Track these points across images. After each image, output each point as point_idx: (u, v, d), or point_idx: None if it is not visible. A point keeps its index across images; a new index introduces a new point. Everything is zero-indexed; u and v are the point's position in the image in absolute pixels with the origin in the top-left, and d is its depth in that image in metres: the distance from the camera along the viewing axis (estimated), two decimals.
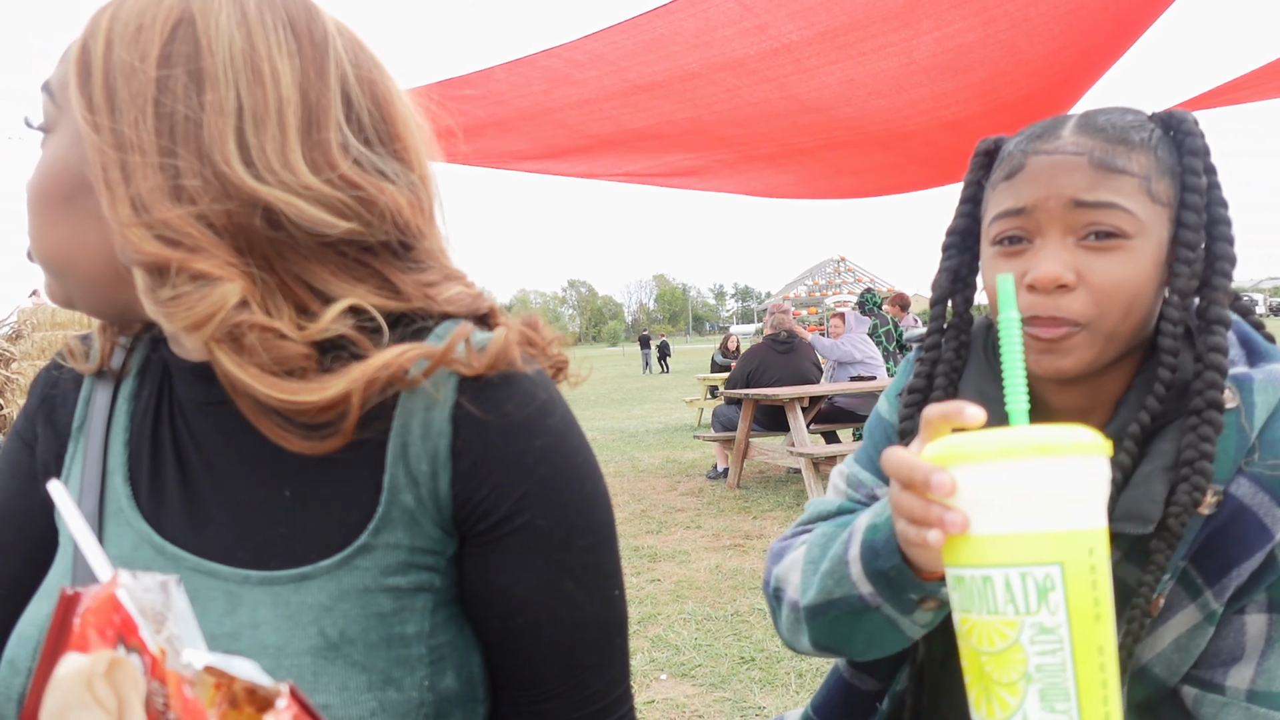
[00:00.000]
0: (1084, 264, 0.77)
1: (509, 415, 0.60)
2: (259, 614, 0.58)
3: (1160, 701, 0.83)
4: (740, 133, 4.49)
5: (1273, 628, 0.78)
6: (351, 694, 0.56)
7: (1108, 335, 0.77)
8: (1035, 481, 0.52)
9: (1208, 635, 0.79)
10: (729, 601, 3.81)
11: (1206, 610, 0.78)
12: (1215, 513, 0.77)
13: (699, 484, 6.75)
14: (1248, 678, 0.77)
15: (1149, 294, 0.78)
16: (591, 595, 0.63)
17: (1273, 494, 0.75)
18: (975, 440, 0.54)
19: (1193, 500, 0.74)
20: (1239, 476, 0.77)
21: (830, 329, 8.88)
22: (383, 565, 0.59)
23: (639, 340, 35.02)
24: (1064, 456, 0.52)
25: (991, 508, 0.53)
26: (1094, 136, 0.78)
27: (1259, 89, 4.81)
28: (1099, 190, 0.76)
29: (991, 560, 0.53)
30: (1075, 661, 0.51)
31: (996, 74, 3.84)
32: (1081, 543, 0.52)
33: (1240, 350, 0.81)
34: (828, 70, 3.69)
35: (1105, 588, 0.53)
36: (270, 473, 0.62)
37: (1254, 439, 0.77)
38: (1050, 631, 0.51)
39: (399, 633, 0.59)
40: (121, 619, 0.40)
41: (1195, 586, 0.78)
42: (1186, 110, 0.82)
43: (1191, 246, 0.77)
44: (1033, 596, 0.52)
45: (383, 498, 0.60)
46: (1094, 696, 0.51)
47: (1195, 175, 0.78)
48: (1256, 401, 0.77)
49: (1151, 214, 0.77)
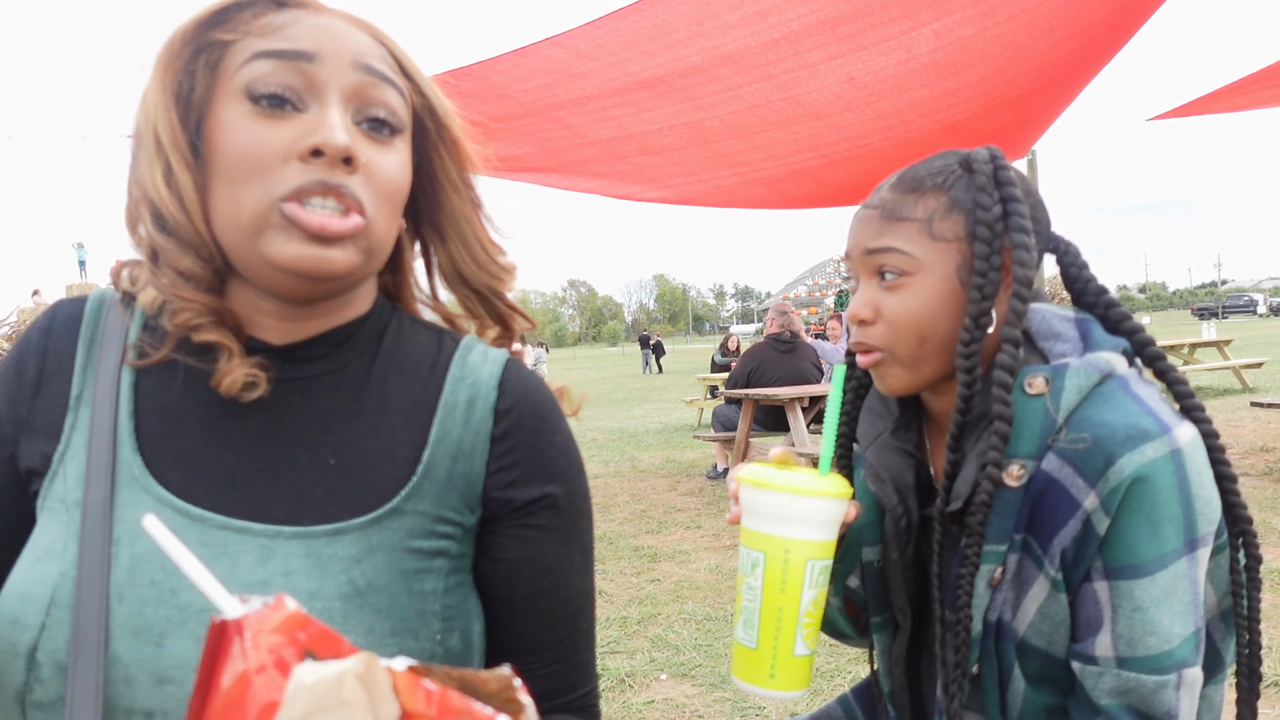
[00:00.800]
0: (881, 300, 0.93)
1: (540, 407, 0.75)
2: (291, 564, 0.63)
3: (1058, 674, 0.91)
4: (740, 147, 4.47)
5: (1113, 593, 0.86)
6: (376, 637, 0.62)
7: (911, 358, 0.93)
8: (760, 503, 0.87)
9: (1062, 603, 0.88)
10: (729, 601, 3.81)
11: (1050, 578, 0.88)
12: (1030, 485, 0.88)
13: (699, 484, 6.75)
14: (1109, 645, 0.86)
15: (943, 320, 0.92)
16: (588, 570, 0.76)
17: (1075, 466, 0.85)
18: (755, 470, 0.88)
19: (990, 485, 0.88)
20: (1049, 453, 0.87)
21: (829, 330, 8.89)
22: (409, 528, 0.67)
23: (639, 340, 35.02)
24: (781, 493, 0.85)
25: (746, 511, 0.89)
26: (895, 190, 0.94)
27: (1251, 98, 4.82)
28: (882, 238, 0.92)
29: (741, 540, 0.90)
30: (762, 609, 0.86)
31: (996, 72, 3.85)
32: (780, 544, 0.85)
33: (1078, 343, 0.93)
34: (828, 67, 3.69)
35: (794, 573, 0.85)
36: (318, 443, 0.69)
37: (1060, 420, 0.87)
38: (753, 589, 0.87)
39: (419, 588, 0.66)
40: (310, 634, 0.41)
41: (1037, 557, 0.89)
42: (989, 147, 0.93)
43: (980, 274, 0.89)
44: (748, 567, 0.88)
45: (419, 469, 0.69)
46: (769, 632, 0.86)
47: (984, 209, 0.90)
48: (1067, 386, 0.87)
49: (932, 251, 0.91)
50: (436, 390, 0.73)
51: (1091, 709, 0.87)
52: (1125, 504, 0.83)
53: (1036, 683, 0.91)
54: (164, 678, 0.59)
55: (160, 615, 0.60)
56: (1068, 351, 0.92)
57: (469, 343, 0.78)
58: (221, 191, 0.65)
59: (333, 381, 0.72)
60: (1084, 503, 0.84)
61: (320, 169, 0.64)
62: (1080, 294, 1.00)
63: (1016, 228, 0.90)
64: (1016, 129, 4.76)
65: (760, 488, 0.86)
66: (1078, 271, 1.00)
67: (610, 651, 3.32)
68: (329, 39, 0.66)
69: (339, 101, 0.66)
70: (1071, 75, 4.15)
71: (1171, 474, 0.83)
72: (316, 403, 0.70)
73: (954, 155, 0.94)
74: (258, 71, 0.64)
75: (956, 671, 0.91)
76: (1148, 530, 0.83)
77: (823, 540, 0.86)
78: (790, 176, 4.95)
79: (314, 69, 0.65)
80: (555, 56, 3.59)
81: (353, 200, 0.65)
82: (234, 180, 0.64)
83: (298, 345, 0.71)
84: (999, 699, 0.92)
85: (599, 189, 5.28)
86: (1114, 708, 0.85)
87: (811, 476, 0.87)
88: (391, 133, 0.69)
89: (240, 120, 0.65)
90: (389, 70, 0.69)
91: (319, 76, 0.65)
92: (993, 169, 0.91)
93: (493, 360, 0.75)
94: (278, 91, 0.64)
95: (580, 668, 0.75)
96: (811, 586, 0.86)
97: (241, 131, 0.64)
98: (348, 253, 0.66)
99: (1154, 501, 0.82)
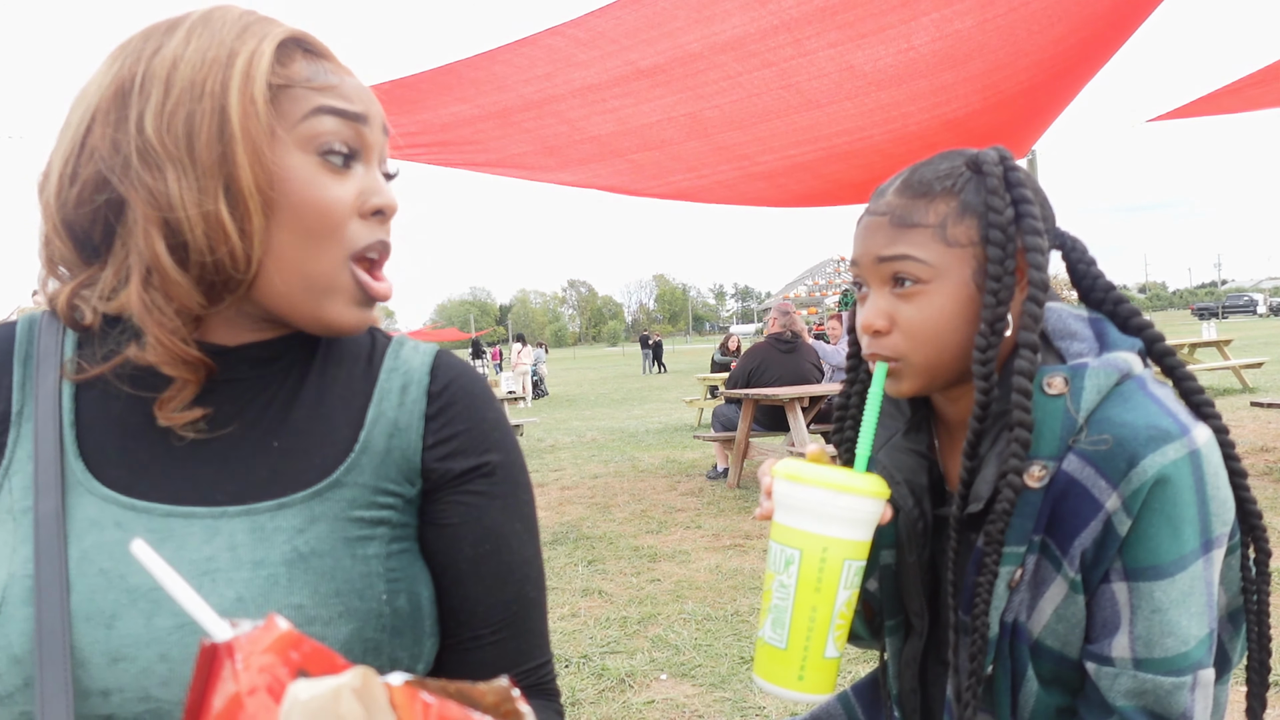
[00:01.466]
0: (896, 309, 0.91)
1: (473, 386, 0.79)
2: (237, 538, 0.66)
3: (1071, 676, 0.91)
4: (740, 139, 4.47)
5: (1132, 594, 0.85)
6: (321, 597, 0.65)
7: (927, 365, 0.91)
8: (799, 498, 0.84)
9: (1079, 604, 0.88)
10: (729, 601, 3.81)
11: (1069, 579, 0.87)
12: (1051, 486, 0.87)
13: (699, 484, 6.75)
14: (1126, 646, 0.85)
15: (959, 326, 0.90)
16: (532, 540, 0.79)
17: (1097, 467, 0.84)
18: (792, 465, 0.85)
19: (1011, 494, 0.87)
20: (1069, 454, 0.86)
21: (828, 331, 8.88)
22: (350, 499, 0.70)
23: (639, 340, 35.01)
24: (823, 489, 0.82)
25: (780, 507, 0.86)
26: (902, 195, 0.91)
27: (1251, 98, 4.81)
28: (895, 245, 0.89)
29: (773, 536, 0.87)
30: (794, 608, 0.83)
31: (995, 66, 3.84)
32: (818, 541, 0.83)
33: (1094, 343, 0.92)
34: (827, 55, 3.68)
35: (831, 572, 0.83)
36: (262, 430, 0.71)
37: (1081, 420, 0.86)
38: (785, 587, 0.84)
39: (362, 553, 0.69)
40: (304, 653, 0.41)
41: (1055, 558, 0.88)
42: (998, 148, 0.91)
43: (995, 278, 0.87)
44: (781, 564, 0.84)
45: (357, 446, 0.72)
46: (800, 632, 0.83)
47: (997, 212, 0.88)
48: (1086, 386, 0.87)
49: (947, 257, 0.89)
50: (372, 379, 0.77)
51: (1103, 710, 0.87)
52: (1147, 505, 0.83)
53: (1048, 684, 0.91)
54: (117, 656, 0.61)
55: (110, 599, 0.62)
56: (1084, 351, 0.91)
57: (400, 340, 0.82)
58: (287, 240, 0.67)
59: (278, 376, 0.74)
60: (1106, 504, 0.84)
61: (379, 229, 0.71)
62: (1089, 290, 0.99)
63: (1029, 229, 0.88)
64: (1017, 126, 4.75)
65: (801, 482, 0.84)
66: (1085, 268, 0.99)
67: (610, 651, 3.32)
68: (371, 102, 0.72)
69: (377, 161, 0.72)
70: (1072, 72, 4.14)
71: (1190, 475, 0.82)
72: (261, 395, 0.73)
73: (959, 156, 0.93)
74: (327, 127, 0.68)
75: (971, 680, 0.91)
76: (1169, 532, 0.83)
77: (861, 540, 0.84)
78: (789, 170, 4.94)
79: (366, 131, 0.70)
80: (556, 45, 3.60)
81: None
82: (309, 233, 0.67)
83: (247, 346, 0.73)
84: (1010, 700, 0.92)
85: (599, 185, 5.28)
86: (1129, 709, 0.85)
87: (852, 474, 0.84)
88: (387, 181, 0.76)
89: (312, 172, 0.67)
90: None
91: (368, 138, 0.71)
92: (1003, 170, 0.90)
93: (423, 351, 0.80)
94: (345, 149, 0.69)
95: (531, 636, 0.77)
96: (847, 587, 0.84)
97: (315, 186, 0.67)
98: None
99: (1175, 502, 0.82)
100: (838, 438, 1.10)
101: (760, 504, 0.90)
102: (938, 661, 1.04)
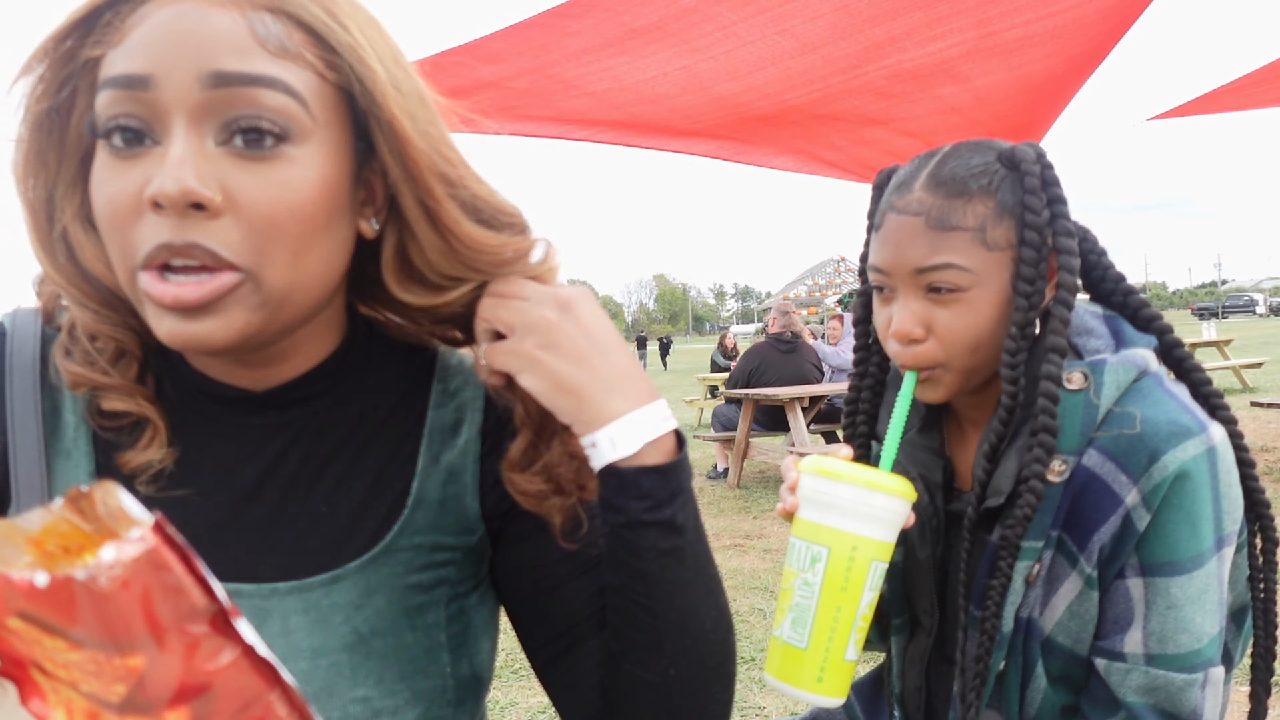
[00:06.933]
0: (932, 315, 0.87)
1: None
2: (290, 621, 0.59)
3: (1079, 673, 0.90)
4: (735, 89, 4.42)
5: (1148, 590, 0.84)
6: (387, 685, 0.60)
7: (964, 370, 0.89)
8: (830, 495, 0.81)
9: (1093, 600, 0.87)
10: (729, 601, 3.80)
11: (1084, 575, 0.87)
12: (1071, 481, 0.86)
13: (699, 484, 6.75)
14: (1139, 642, 0.85)
15: (996, 331, 0.88)
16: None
17: (1118, 462, 0.84)
18: (823, 461, 0.83)
19: (1033, 499, 0.85)
20: (1089, 448, 0.86)
21: (828, 331, 8.87)
22: (406, 562, 0.63)
23: (636, 341, 35.00)
24: (857, 486, 0.80)
25: (806, 502, 0.83)
26: (935, 192, 0.86)
27: (1251, 97, 4.80)
28: (935, 254, 0.85)
29: (797, 533, 0.83)
30: (818, 608, 0.80)
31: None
32: (847, 540, 0.80)
33: (1110, 339, 0.92)
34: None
35: (858, 572, 0.80)
36: (306, 491, 0.63)
37: (1102, 414, 0.85)
38: (809, 585, 0.81)
39: (422, 623, 0.63)
40: None
41: (1071, 554, 0.87)
42: (1033, 144, 0.88)
43: (1029, 281, 0.85)
44: (806, 561, 0.81)
45: (410, 500, 0.64)
46: (823, 632, 0.80)
47: (1034, 213, 0.85)
48: (1106, 381, 0.86)
49: (988, 262, 0.86)
50: (419, 414, 0.67)
51: (1109, 706, 0.86)
52: (1167, 500, 0.82)
53: (1056, 681, 0.91)
54: None
55: None
56: (1101, 348, 0.91)
57: (444, 357, 0.71)
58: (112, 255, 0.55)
59: (315, 424, 0.65)
60: (1126, 499, 0.83)
61: (166, 226, 0.51)
62: (1099, 281, 0.98)
63: (1063, 231, 0.86)
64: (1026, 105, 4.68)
65: (832, 479, 0.81)
66: (1096, 259, 0.98)
67: None
68: (170, 46, 0.51)
69: (185, 128, 0.51)
70: (1081, 57, 4.08)
71: (1208, 471, 0.83)
72: (300, 449, 0.64)
73: (990, 150, 0.89)
74: (101, 103, 0.52)
75: (976, 681, 0.90)
76: (1188, 528, 0.83)
77: (888, 542, 0.82)
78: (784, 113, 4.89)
79: (152, 96, 0.51)
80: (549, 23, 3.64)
81: (211, 254, 0.52)
82: (108, 244, 0.54)
83: (278, 390, 0.64)
84: (1019, 697, 0.92)
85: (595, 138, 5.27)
86: (1139, 706, 0.84)
87: (882, 473, 0.82)
88: (279, 140, 0.53)
89: (100, 165, 0.53)
90: (263, 60, 0.52)
91: (160, 101, 0.51)
92: (1040, 169, 0.86)
93: (474, 383, 0.69)
94: (124, 124, 0.52)
95: None
96: (871, 588, 0.81)
97: (98, 183, 0.53)
98: (229, 318, 0.53)
99: (1194, 499, 0.82)
100: (849, 433, 1.09)
101: (782, 499, 0.87)
102: (943, 659, 1.03)
